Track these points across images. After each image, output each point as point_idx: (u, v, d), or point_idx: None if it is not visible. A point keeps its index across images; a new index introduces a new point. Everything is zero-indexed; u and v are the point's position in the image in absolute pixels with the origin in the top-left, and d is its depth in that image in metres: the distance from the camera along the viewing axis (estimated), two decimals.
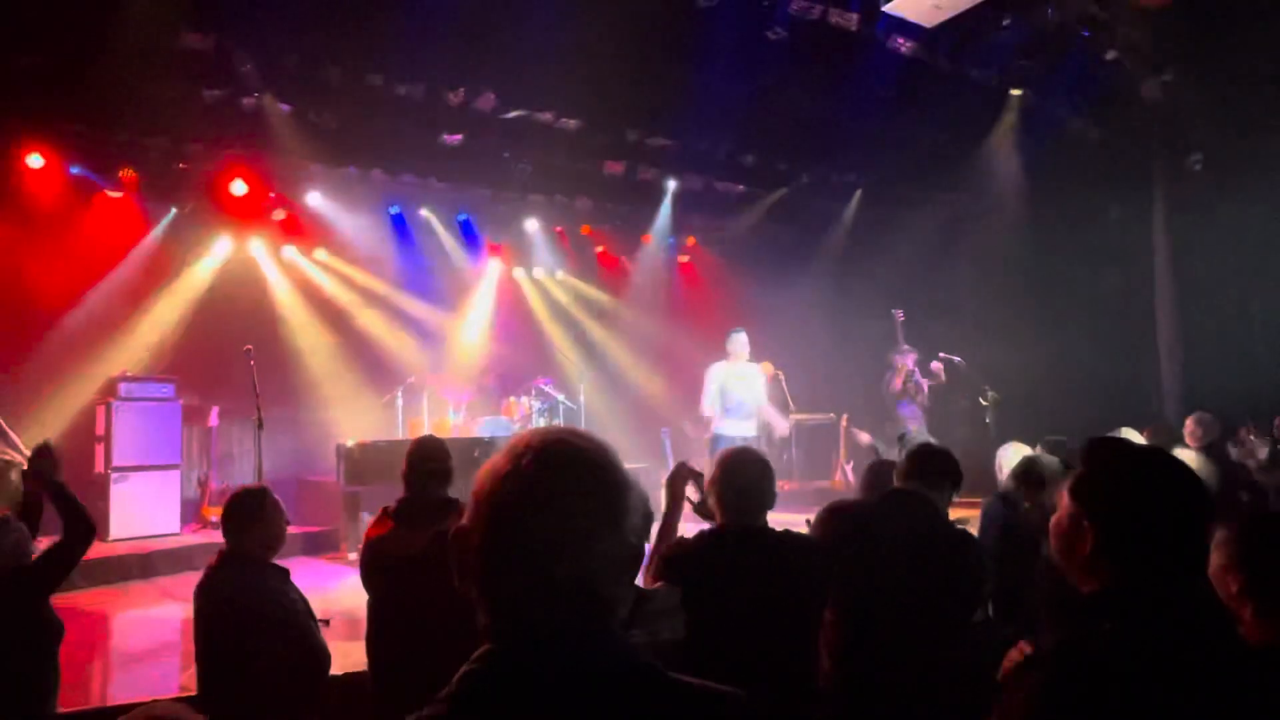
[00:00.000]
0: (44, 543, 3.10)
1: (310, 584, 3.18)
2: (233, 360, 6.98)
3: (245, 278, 9.53)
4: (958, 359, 8.76)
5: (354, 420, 9.22)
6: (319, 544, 7.79)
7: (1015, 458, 4.08)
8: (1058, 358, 9.47)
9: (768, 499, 2.79)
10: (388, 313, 10.45)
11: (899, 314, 9.03)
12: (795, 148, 9.83)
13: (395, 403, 9.16)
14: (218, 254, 9.36)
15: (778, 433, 8.30)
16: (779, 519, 2.84)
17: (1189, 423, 6.01)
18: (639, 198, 10.87)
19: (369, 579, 3.07)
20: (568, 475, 1.00)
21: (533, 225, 11.19)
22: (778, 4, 7.01)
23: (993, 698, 1.42)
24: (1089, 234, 9.95)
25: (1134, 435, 4.00)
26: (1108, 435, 3.95)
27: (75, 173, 8.25)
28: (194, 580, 2.97)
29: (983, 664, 1.71)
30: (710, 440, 7.49)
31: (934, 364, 8.55)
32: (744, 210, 11.55)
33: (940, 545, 2.94)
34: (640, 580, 2.50)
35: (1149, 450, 1.48)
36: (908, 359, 8.83)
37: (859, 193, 11.23)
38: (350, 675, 3.65)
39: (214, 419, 8.52)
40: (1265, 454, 5.91)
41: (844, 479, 9.84)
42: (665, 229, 11.54)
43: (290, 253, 9.96)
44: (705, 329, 10.72)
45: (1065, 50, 7.81)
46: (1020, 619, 3.14)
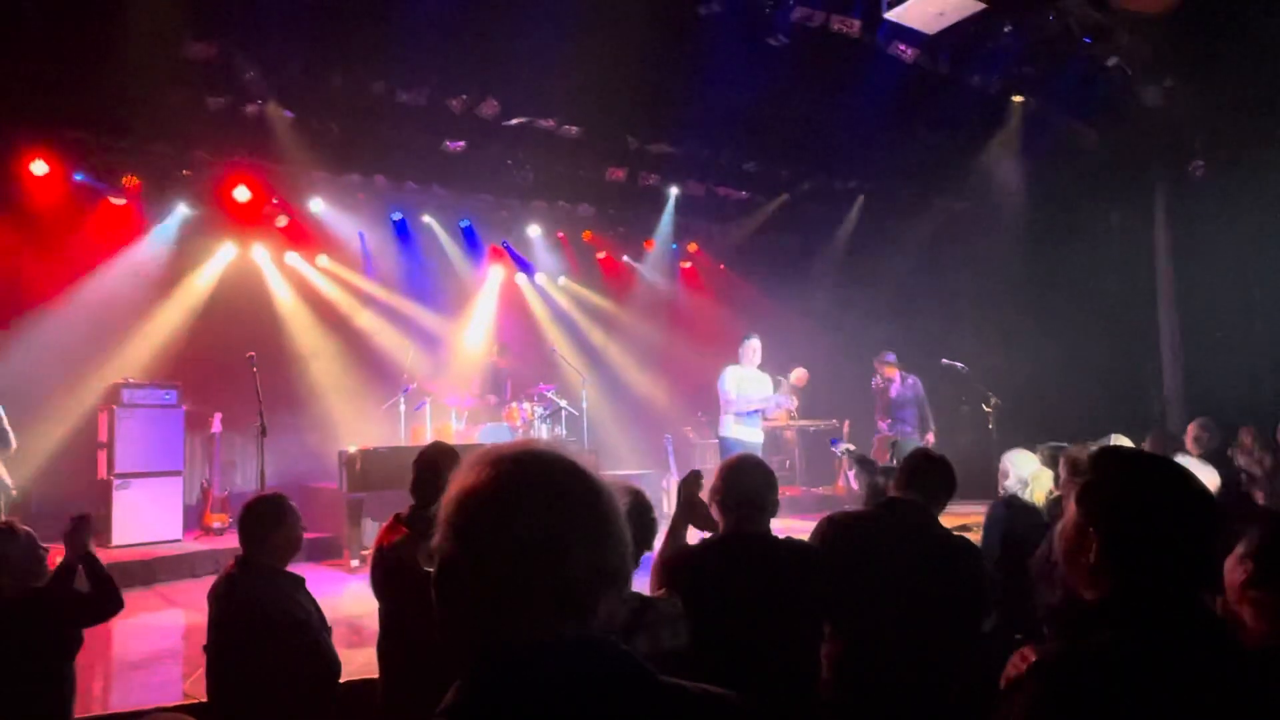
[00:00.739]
0: (54, 551, 3.13)
1: (313, 591, 3.17)
2: (235, 367, 6.98)
3: (248, 284, 9.56)
4: (960, 365, 8.76)
5: (356, 427, 9.23)
6: (321, 551, 7.77)
7: (1019, 463, 4.07)
8: (1060, 363, 9.46)
9: (770, 506, 2.79)
10: (390, 319, 10.47)
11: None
12: (797, 154, 9.85)
13: (397, 409, 9.16)
14: (220, 260, 9.39)
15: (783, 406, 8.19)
16: (783, 526, 2.83)
17: (1191, 429, 5.97)
18: (641, 204, 10.90)
19: (381, 586, 3.01)
20: (535, 484, 0.99)
21: (535, 231, 11.22)
22: (779, 11, 7.03)
23: (996, 704, 1.42)
24: (1090, 240, 9.95)
25: (1125, 441, 3.97)
26: (1099, 441, 3.96)
27: (79, 179, 8.28)
28: (196, 587, 2.98)
29: (990, 672, 1.71)
30: (720, 444, 7.50)
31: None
32: (746, 216, 11.58)
33: (938, 554, 2.93)
34: (645, 587, 2.50)
35: (1157, 459, 1.46)
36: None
37: (861, 199, 11.24)
38: (352, 683, 3.63)
39: (217, 425, 8.52)
40: (1269, 462, 5.88)
41: (847, 485, 9.80)
42: (667, 235, 11.57)
43: (293, 259, 9.99)
44: (707, 335, 10.73)
45: (1066, 57, 7.82)
46: (1026, 625, 3.13)
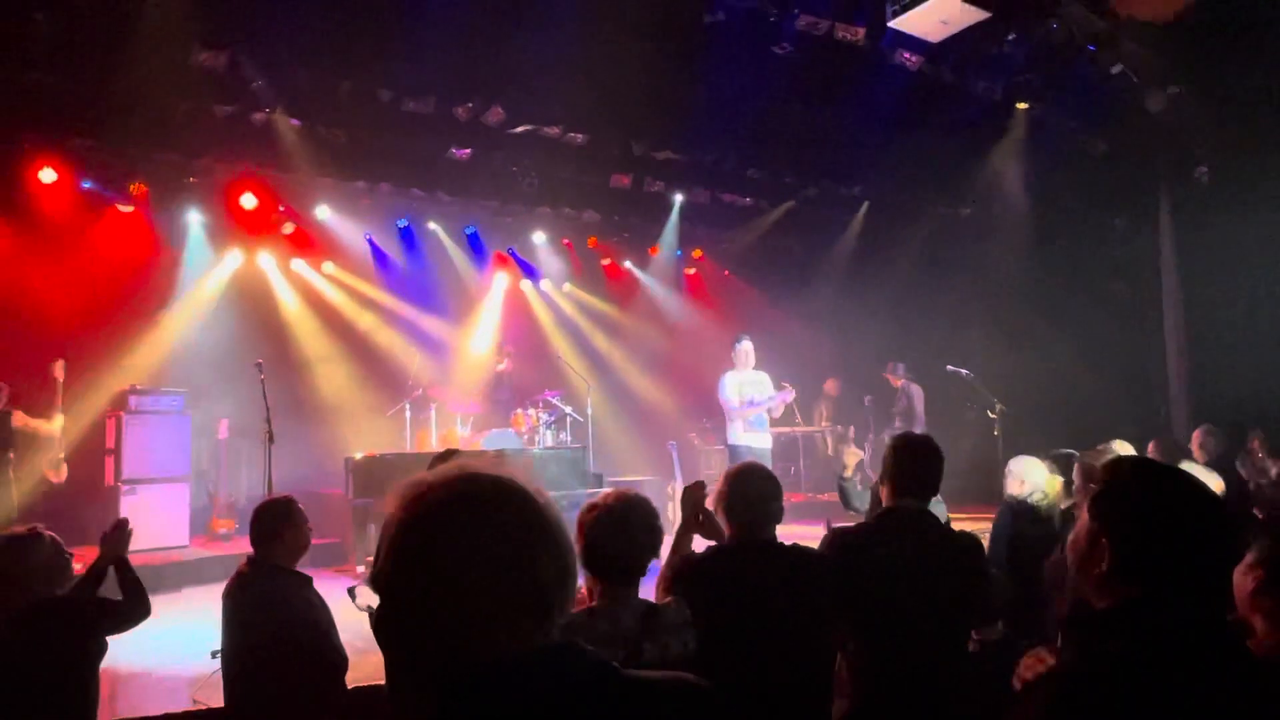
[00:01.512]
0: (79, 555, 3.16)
1: None
2: (242, 373, 7.00)
3: (255, 290, 9.59)
4: (965, 371, 8.74)
5: (362, 433, 9.25)
6: (327, 556, 7.77)
7: (1026, 470, 4.05)
8: (1066, 369, 9.45)
9: (775, 513, 2.80)
10: (396, 325, 10.50)
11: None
12: (802, 161, 9.88)
13: (403, 415, 9.18)
14: (227, 267, 9.43)
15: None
16: (787, 532, 2.84)
17: (1196, 436, 5.93)
18: (646, 210, 10.93)
19: None
20: (493, 499, 1.00)
21: (540, 238, 11.26)
22: (784, 19, 7.07)
23: (1008, 708, 1.42)
24: (1095, 246, 9.95)
25: (1127, 448, 3.95)
26: (1098, 448, 3.94)
27: (87, 187, 8.34)
28: (202, 593, 3.02)
29: (1000, 682, 1.71)
30: (730, 451, 7.48)
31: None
32: (751, 223, 11.60)
33: (943, 554, 2.91)
34: (652, 595, 2.50)
35: (1170, 469, 1.45)
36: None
37: (865, 206, 11.26)
38: (360, 689, 3.63)
39: (223, 431, 8.55)
40: (1276, 471, 5.85)
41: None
42: (672, 241, 11.60)
43: (299, 266, 10.03)
44: (712, 341, 10.73)
45: (1070, 64, 7.83)
46: (1034, 631, 3.12)
